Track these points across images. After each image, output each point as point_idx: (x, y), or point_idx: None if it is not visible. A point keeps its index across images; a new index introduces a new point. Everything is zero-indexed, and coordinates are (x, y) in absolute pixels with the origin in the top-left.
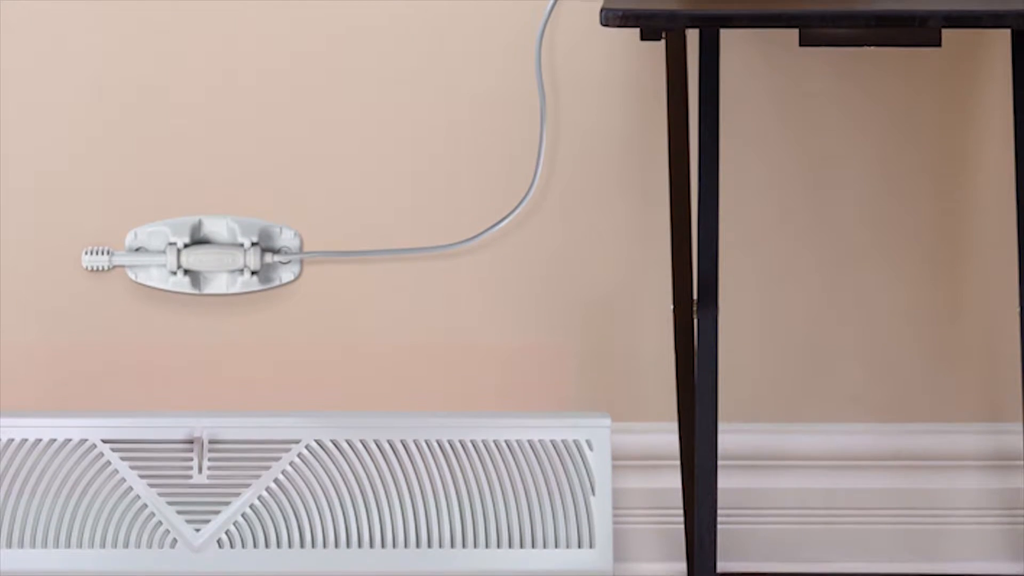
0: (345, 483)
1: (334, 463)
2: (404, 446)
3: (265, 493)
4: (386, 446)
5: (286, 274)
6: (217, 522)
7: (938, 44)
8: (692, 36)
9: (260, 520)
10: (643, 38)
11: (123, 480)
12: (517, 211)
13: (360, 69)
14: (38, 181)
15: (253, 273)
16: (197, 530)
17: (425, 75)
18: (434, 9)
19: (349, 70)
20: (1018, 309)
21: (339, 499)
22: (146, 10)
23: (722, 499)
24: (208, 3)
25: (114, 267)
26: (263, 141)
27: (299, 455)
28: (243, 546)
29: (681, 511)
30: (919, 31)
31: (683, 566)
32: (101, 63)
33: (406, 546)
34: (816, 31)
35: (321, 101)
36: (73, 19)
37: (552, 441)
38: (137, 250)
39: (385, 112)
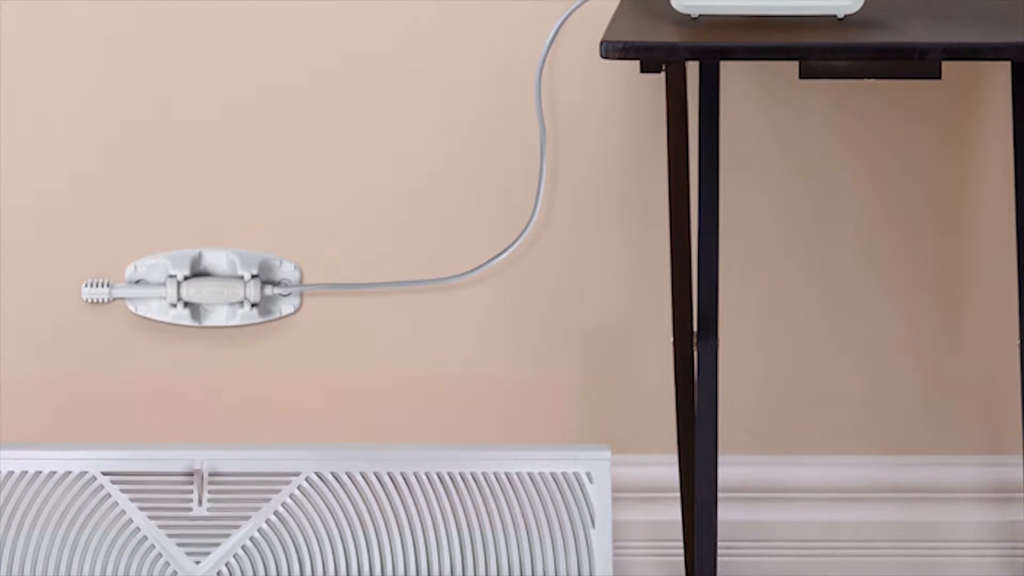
0: (345, 516)
1: (334, 495)
2: (404, 478)
3: (265, 525)
4: (386, 479)
5: (286, 306)
6: (217, 554)
7: (938, 76)
8: (692, 68)
9: (260, 552)
10: (643, 70)
11: (123, 512)
12: (517, 243)
13: (358, 102)
14: (38, 213)
15: (253, 305)
16: (197, 562)
17: (424, 107)
18: (433, 42)
19: (347, 103)
20: (1018, 341)
21: (339, 532)
22: (146, 42)
23: (722, 531)
24: (206, 40)
25: (114, 299)
26: (263, 174)
27: (299, 487)
28: None
29: (681, 543)
30: (919, 64)
31: None
32: (101, 94)
33: None
34: (816, 63)
35: (320, 134)
36: (73, 49)
37: (552, 473)
38: (137, 282)
39: (384, 144)
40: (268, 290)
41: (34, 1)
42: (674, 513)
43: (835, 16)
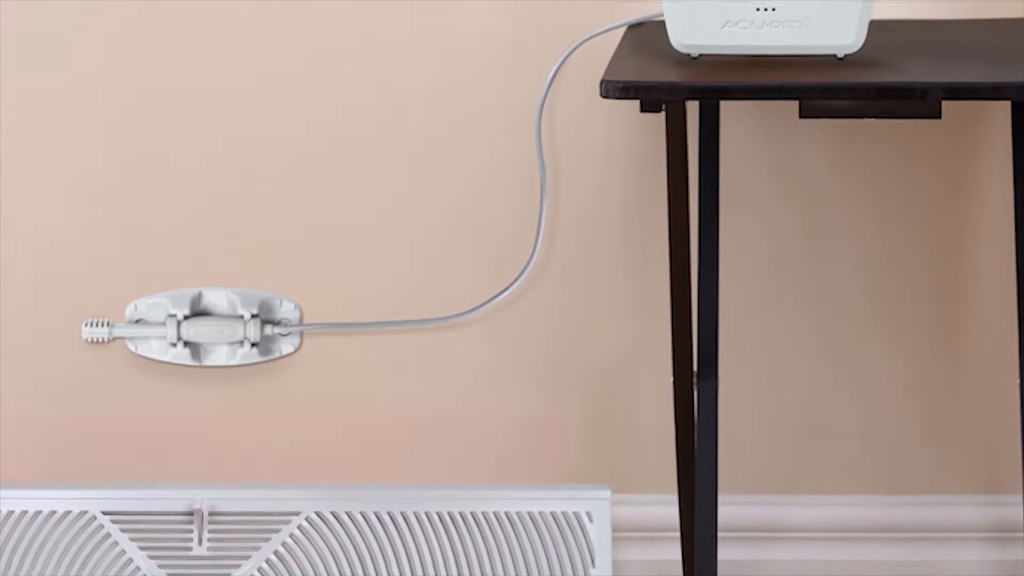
0: (345, 555)
1: (334, 535)
2: (404, 518)
3: (265, 565)
4: (386, 518)
5: (286, 346)
6: None
7: (938, 116)
8: (692, 107)
9: None
10: (643, 110)
11: (123, 552)
12: (517, 282)
13: (359, 142)
14: (38, 252)
15: (253, 345)
16: None
17: (424, 146)
18: (433, 81)
19: (348, 143)
20: (1018, 381)
21: (339, 571)
22: (147, 90)
23: (722, 571)
24: (204, 79)
25: (114, 339)
26: (263, 214)
27: (299, 527)
28: None
29: None
30: (919, 103)
31: None
32: (101, 134)
33: None
34: (816, 103)
35: (320, 174)
36: (73, 90)
37: (552, 513)
38: (137, 322)
39: (384, 184)
40: (268, 329)
41: (36, 50)
42: (674, 552)
43: (835, 56)
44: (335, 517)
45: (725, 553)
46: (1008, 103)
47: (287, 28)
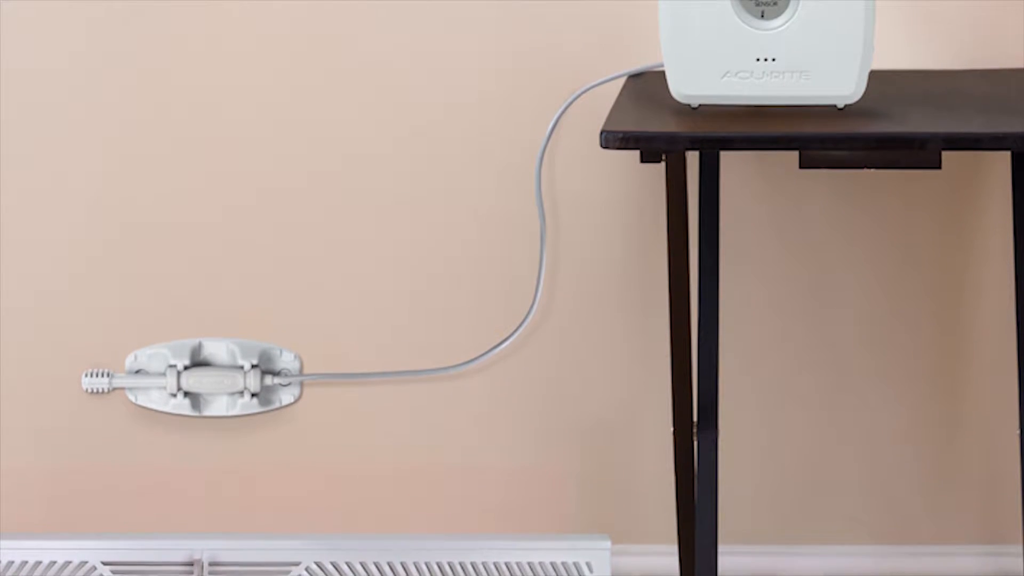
0: None
1: None
2: (404, 568)
3: None
4: (386, 568)
5: (286, 396)
6: None
7: (938, 166)
8: (692, 157)
9: None
10: (643, 160)
11: None
12: (517, 333)
13: (359, 193)
14: (38, 303)
15: (253, 395)
16: None
17: (424, 197)
18: (433, 132)
19: (348, 194)
20: (1018, 431)
21: None
22: (147, 133)
23: None
24: (203, 131)
25: (114, 389)
26: (263, 265)
27: None
28: None
29: None
30: (919, 153)
31: None
32: (101, 186)
33: None
34: (816, 153)
35: (320, 225)
36: (74, 142)
37: (552, 563)
38: (137, 372)
39: (384, 234)
40: (268, 380)
41: (36, 103)
42: None
43: (835, 106)
44: (335, 567)
45: None
46: (1008, 153)
47: (286, 82)
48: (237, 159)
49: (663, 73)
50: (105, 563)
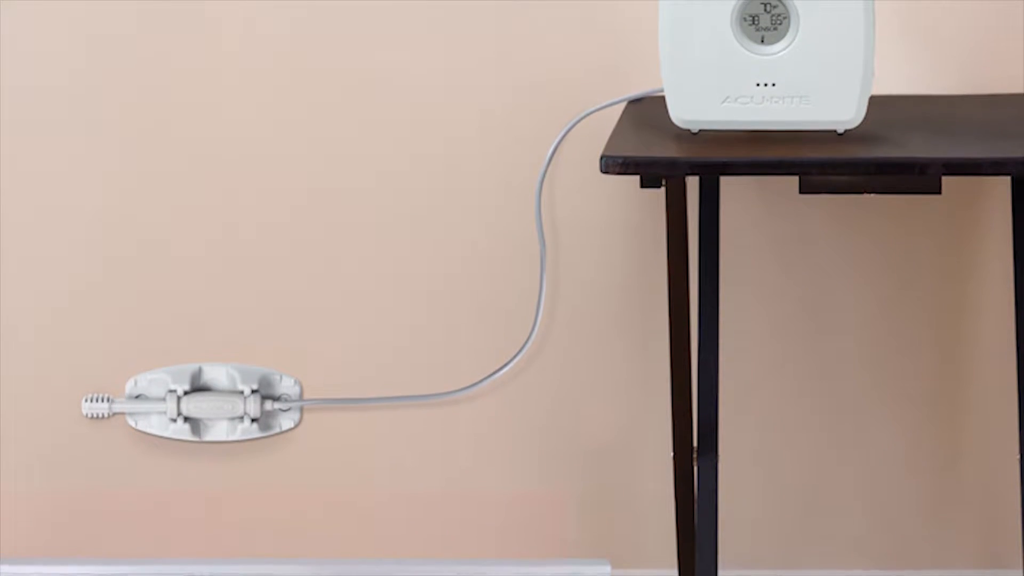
0: None
1: None
2: None
3: None
4: None
5: (286, 421)
6: None
7: (938, 191)
8: (692, 182)
9: None
10: (643, 185)
11: None
12: (517, 358)
13: (358, 218)
14: (38, 328)
15: (253, 420)
16: None
17: (424, 222)
18: (433, 157)
19: (347, 219)
20: (1018, 456)
21: None
22: (147, 162)
23: None
24: (207, 159)
25: (114, 414)
26: (263, 290)
27: None
28: None
29: None
30: (919, 178)
31: None
32: (101, 211)
33: None
34: (816, 178)
35: (320, 250)
36: (73, 168)
37: None
38: (137, 397)
39: (384, 260)
40: (268, 405)
41: (37, 127)
42: None
43: (835, 131)
44: None
45: None
46: (1008, 178)
47: (287, 105)
48: (237, 182)
49: (663, 98)
50: None
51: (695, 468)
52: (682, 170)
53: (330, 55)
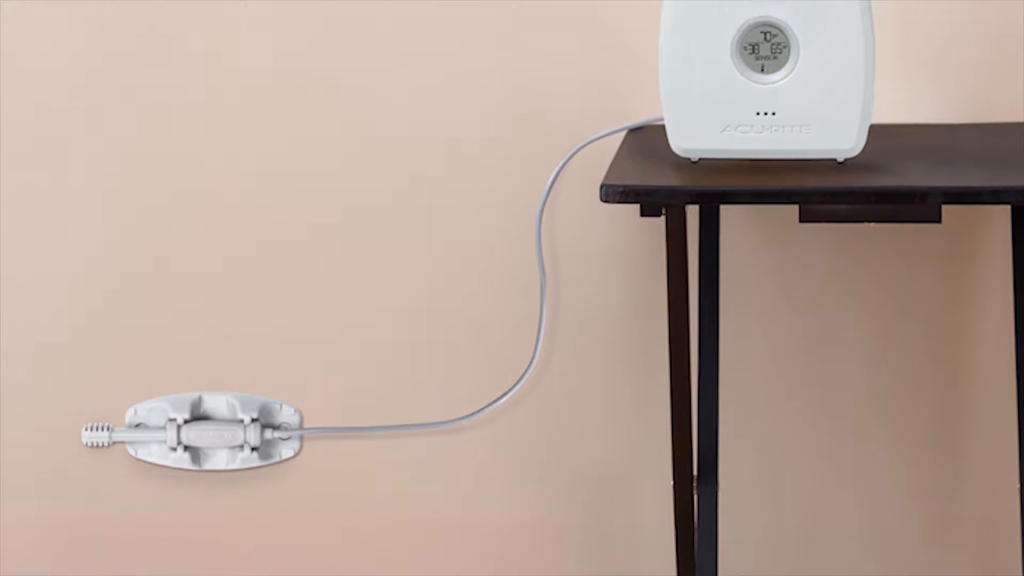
0: None
1: None
2: None
3: None
4: None
5: (286, 450)
6: None
7: (938, 220)
8: (692, 211)
9: None
10: (643, 213)
11: None
12: (517, 386)
13: (359, 245)
14: (38, 357)
15: (253, 449)
16: None
17: (424, 250)
18: (433, 185)
19: (348, 247)
20: (1018, 485)
21: None
22: (145, 188)
23: None
24: (204, 183)
25: (114, 443)
26: (263, 318)
27: None
28: None
29: None
30: (919, 207)
31: None
32: (101, 238)
33: None
34: (816, 207)
35: (320, 277)
36: (72, 195)
37: None
38: (137, 426)
39: (384, 287)
40: (268, 434)
41: (36, 152)
42: None
43: (835, 160)
44: None
45: None
46: (1008, 207)
47: (286, 131)
48: (237, 212)
49: (663, 127)
50: None
51: (695, 496)
52: (682, 199)
53: (330, 87)
